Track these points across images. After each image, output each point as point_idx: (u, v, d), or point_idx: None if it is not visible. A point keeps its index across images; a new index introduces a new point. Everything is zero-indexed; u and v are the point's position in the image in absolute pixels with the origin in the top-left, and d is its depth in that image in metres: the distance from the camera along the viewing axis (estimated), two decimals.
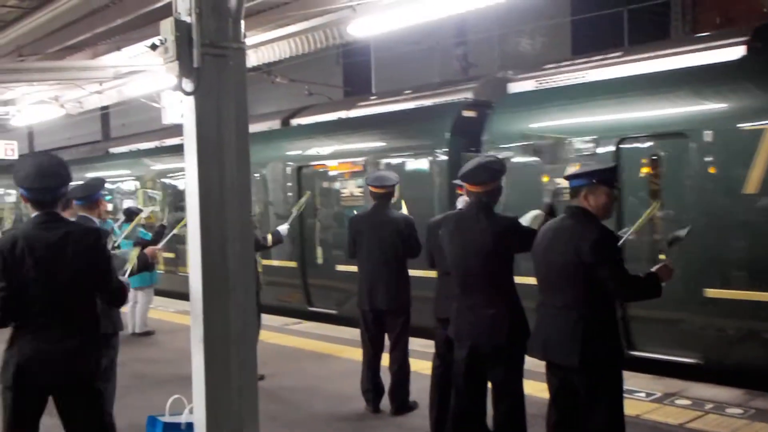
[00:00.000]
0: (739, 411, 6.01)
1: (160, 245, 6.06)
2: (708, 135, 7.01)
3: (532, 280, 4.39)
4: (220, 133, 4.46)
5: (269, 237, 7.75)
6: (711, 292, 6.96)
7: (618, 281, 4.00)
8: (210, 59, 4.30)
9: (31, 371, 3.84)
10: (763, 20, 19.24)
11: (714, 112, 7.14)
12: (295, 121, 13.53)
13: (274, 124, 13.82)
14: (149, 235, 9.48)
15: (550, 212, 4.79)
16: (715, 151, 7.00)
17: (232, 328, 4.54)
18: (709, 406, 6.21)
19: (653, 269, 4.19)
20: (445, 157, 9.52)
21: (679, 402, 6.37)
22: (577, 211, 4.15)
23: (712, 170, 7.03)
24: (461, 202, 5.63)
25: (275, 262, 11.64)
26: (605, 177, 4.16)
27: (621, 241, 4.42)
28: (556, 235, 4.17)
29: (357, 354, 6.74)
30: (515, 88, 9.79)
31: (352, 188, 10.85)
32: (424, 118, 10.45)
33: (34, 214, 3.99)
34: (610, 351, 4.06)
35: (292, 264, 11.55)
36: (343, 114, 12.31)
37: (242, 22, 4.49)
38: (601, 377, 4.02)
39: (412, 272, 6.50)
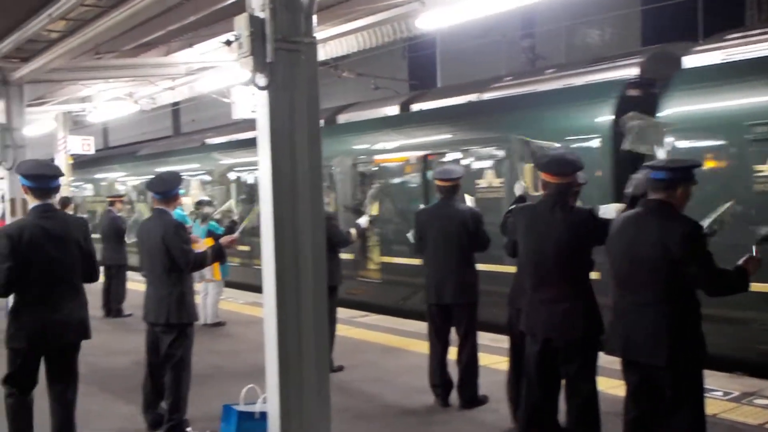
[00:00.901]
0: None
1: (236, 234, 6.19)
2: None
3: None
4: (292, 126, 4.53)
5: (353, 231, 7.78)
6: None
7: (708, 276, 3.92)
8: (283, 54, 4.37)
9: (38, 335, 4.75)
10: None
11: None
12: (416, 106, 12.68)
13: (392, 110, 13.14)
14: (221, 229, 9.67)
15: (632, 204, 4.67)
16: None
17: (304, 320, 4.60)
18: None
19: (740, 262, 4.07)
20: (607, 145, 8.36)
21: (757, 402, 6.18)
22: (662, 206, 4.05)
23: None
24: (519, 188, 5.57)
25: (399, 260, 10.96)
26: (693, 173, 4.10)
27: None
28: (641, 229, 4.06)
29: (424, 347, 6.74)
30: (692, 62, 8.71)
31: (491, 178, 9.77)
32: (578, 99, 9.23)
33: (33, 204, 4.83)
34: (696, 349, 3.98)
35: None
36: (474, 97, 11.36)
37: (314, 16, 4.53)
38: (687, 376, 3.95)
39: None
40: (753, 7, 20.77)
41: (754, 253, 4.14)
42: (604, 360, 4.57)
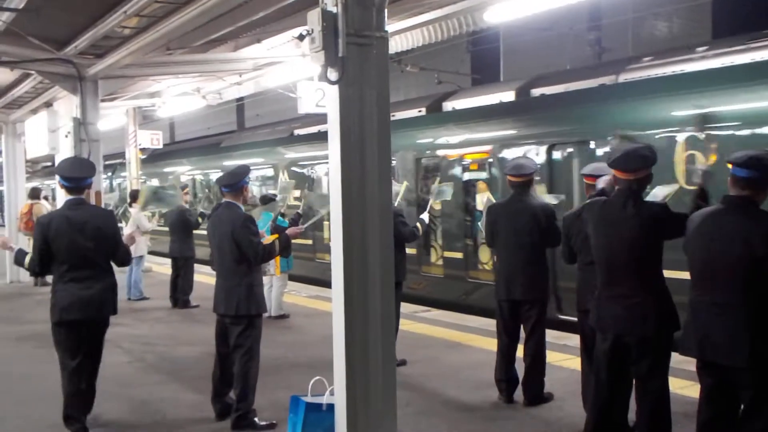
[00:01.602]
0: None
1: (304, 227, 6.25)
2: None
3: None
4: (362, 121, 4.55)
5: (419, 226, 7.79)
6: None
7: None
8: (354, 48, 4.39)
9: (66, 310, 5.45)
10: None
11: None
12: (537, 91, 11.53)
13: (507, 95, 12.07)
14: (286, 223, 9.78)
15: (703, 197, 4.55)
16: None
17: (371, 315, 4.63)
18: None
19: None
20: None
21: None
22: (744, 203, 3.95)
23: None
24: (603, 181, 5.46)
25: None
26: None
27: None
28: (721, 227, 3.98)
29: (487, 343, 6.72)
30: None
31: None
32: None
33: (66, 198, 5.61)
34: None
35: None
36: (607, 79, 10.29)
37: (385, 10, 4.54)
38: (766, 378, 3.85)
39: None
40: None
41: None
42: (674, 360, 4.48)
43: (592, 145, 9.25)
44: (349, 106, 4.52)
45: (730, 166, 4.07)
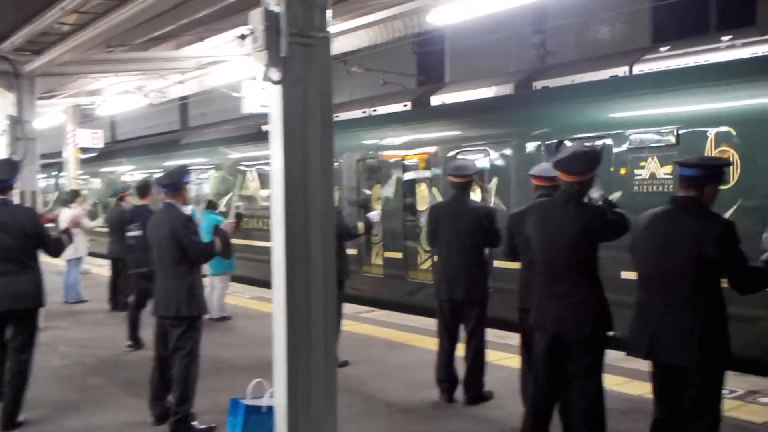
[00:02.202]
0: None
1: (232, 221, 6.29)
2: None
3: None
4: (305, 121, 4.53)
5: (360, 225, 7.81)
6: None
7: (743, 275, 3.92)
8: (297, 48, 4.37)
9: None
10: None
11: None
12: (540, 83, 11.00)
13: (504, 89, 11.57)
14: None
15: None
16: None
17: (313, 315, 4.61)
18: None
19: (765, 257, 4.05)
20: None
21: (762, 400, 6.19)
22: (692, 203, 4.01)
23: None
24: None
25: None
26: (723, 172, 4.09)
27: None
28: (670, 227, 4.03)
29: (429, 343, 6.77)
30: None
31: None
32: None
33: None
34: (724, 351, 3.96)
35: None
36: (621, 71, 9.75)
37: (329, 10, 4.54)
38: (713, 378, 3.94)
39: None
40: (765, 3, 20.68)
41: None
42: (611, 357, 4.58)
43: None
44: (291, 107, 4.49)
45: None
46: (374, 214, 8.01)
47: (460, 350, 6.41)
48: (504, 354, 7.62)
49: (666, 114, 8.08)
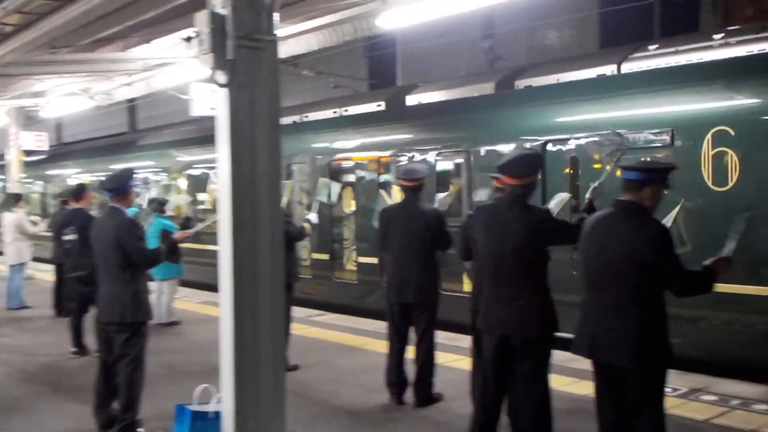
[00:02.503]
0: (764, 407, 5.96)
1: (192, 231, 6.17)
2: None
3: None
4: (252, 124, 4.51)
5: (306, 227, 7.80)
6: None
7: (677, 278, 3.96)
8: (244, 51, 4.35)
9: None
10: None
11: None
12: (522, 83, 10.54)
13: (485, 88, 11.09)
14: (176, 228, 9.57)
15: (591, 211, 4.75)
16: None
17: (261, 319, 4.59)
18: (735, 402, 6.17)
19: (707, 262, 4.12)
20: None
21: (704, 398, 6.33)
22: (633, 207, 4.04)
23: None
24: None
25: None
26: (667, 175, 4.12)
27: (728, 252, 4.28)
28: (611, 231, 4.06)
29: (381, 346, 6.78)
30: None
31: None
32: None
33: None
34: (663, 351, 4.00)
35: None
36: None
37: (276, 14, 4.52)
38: (652, 377, 3.97)
39: None
40: (708, 10, 21.24)
41: (726, 253, 4.19)
42: (558, 358, 4.64)
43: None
44: (238, 110, 4.47)
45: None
46: (313, 216, 8.00)
47: (411, 353, 6.44)
48: (454, 356, 7.67)
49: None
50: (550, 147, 8.77)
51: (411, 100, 12.21)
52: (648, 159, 7.14)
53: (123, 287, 5.49)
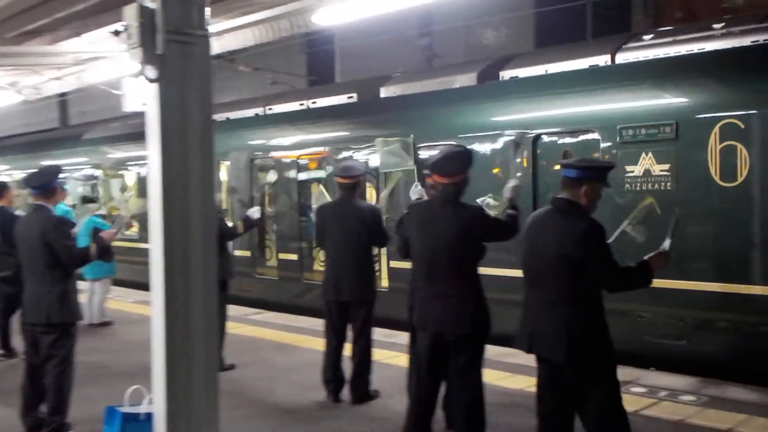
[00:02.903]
0: (692, 398, 6.15)
1: (121, 231, 6.04)
2: None
3: None
4: (184, 121, 4.42)
5: (240, 224, 7.72)
6: None
7: (608, 274, 4.01)
8: (174, 46, 4.25)
9: None
10: (724, 14, 19.57)
11: None
12: (506, 73, 9.92)
13: (467, 79, 10.46)
14: (108, 225, 9.36)
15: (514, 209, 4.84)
16: None
17: (193, 318, 4.51)
18: (663, 393, 6.35)
19: (646, 257, 4.18)
20: None
21: (634, 390, 6.48)
22: (568, 205, 4.09)
23: None
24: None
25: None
26: (606, 173, 4.17)
27: (614, 236, 4.37)
28: (545, 228, 4.11)
29: (318, 344, 6.76)
30: None
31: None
32: None
33: None
34: (598, 346, 4.03)
35: None
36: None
37: (207, 8, 4.45)
38: (589, 372, 4.01)
39: None
40: (640, 12, 21.80)
41: (666, 248, 4.25)
42: (493, 352, 4.71)
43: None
44: (169, 106, 4.37)
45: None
46: (253, 211, 7.93)
47: (348, 350, 6.43)
48: (392, 353, 7.70)
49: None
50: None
51: (385, 92, 11.55)
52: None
53: (49, 287, 5.34)
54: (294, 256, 11.43)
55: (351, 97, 12.31)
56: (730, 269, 6.95)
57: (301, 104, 13.15)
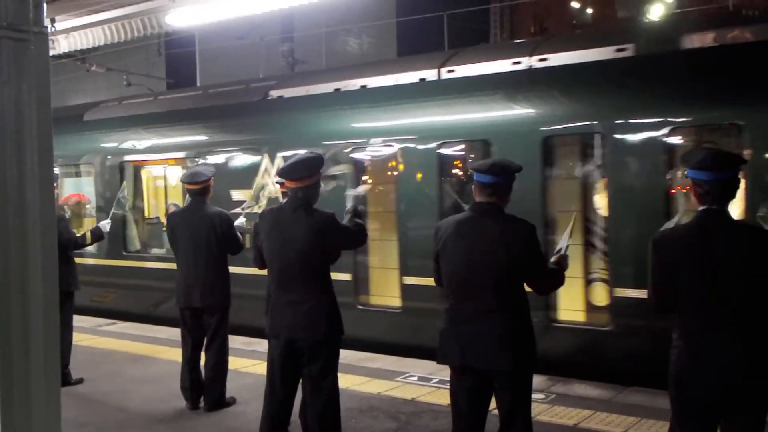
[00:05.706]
0: (540, 396, 6.37)
1: None
2: None
3: None
4: (19, 123, 4.18)
5: (88, 235, 7.37)
6: None
7: (545, 277, 4.05)
8: (7, 43, 4.02)
9: None
10: (574, 30, 20.70)
11: None
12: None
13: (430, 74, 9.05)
14: None
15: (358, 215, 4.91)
16: None
17: (31, 332, 4.27)
18: None
19: (553, 260, 4.25)
20: None
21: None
22: (494, 208, 4.00)
23: None
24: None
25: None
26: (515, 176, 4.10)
27: (564, 249, 4.37)
28: (479, 233, 3.97)
29: (177, 354, 6.57)
30: None
31: None
32: None
33: None
34: (534, 353, 4.01)
35: None
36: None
37: (45, 5, 4.23)
38: (525, 381, 3.99)
39: None
40: (497, 26, 22.69)
41: (564, 251, 4.33)
42: (351, 358, 4.73)
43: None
44: (3, 107, 4.13)
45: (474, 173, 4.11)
46: (104, 224, 7.58)
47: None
48: (250, 361, 7.60)
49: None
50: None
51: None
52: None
53: None
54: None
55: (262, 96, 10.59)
56: None
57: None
